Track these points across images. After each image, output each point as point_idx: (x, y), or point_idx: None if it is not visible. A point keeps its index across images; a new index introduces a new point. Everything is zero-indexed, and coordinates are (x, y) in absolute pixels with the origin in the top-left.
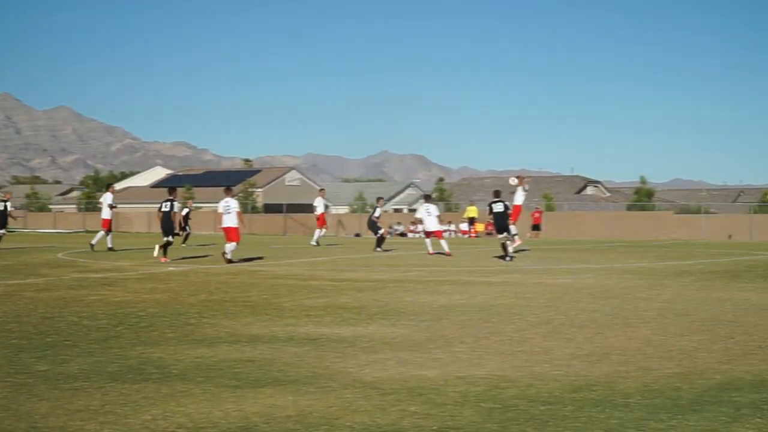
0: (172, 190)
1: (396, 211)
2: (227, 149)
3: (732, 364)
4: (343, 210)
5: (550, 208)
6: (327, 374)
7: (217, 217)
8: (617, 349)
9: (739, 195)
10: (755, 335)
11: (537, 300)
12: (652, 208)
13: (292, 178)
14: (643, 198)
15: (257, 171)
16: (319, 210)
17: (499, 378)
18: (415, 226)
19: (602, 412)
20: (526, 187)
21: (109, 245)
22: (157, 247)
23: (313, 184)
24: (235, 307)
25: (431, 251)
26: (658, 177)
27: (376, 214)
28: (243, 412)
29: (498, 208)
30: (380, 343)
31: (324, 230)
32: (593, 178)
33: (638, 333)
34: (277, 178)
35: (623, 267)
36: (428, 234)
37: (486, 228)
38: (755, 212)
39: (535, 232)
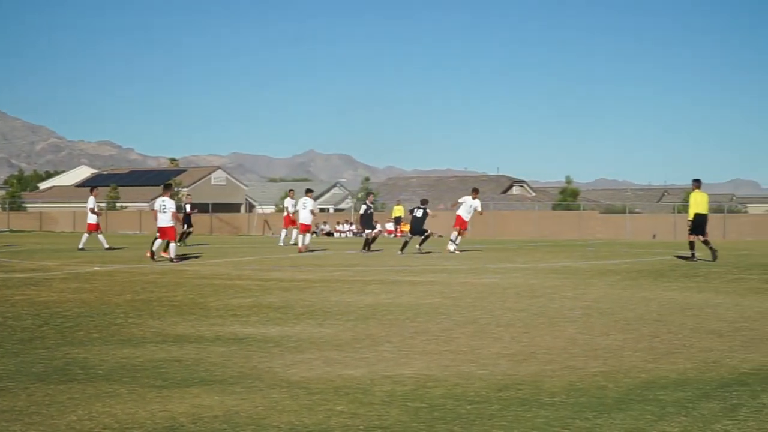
0: (167, 187)
1: (322, 210)
2: (153, 149)
3: (657, 363)
4: (270, 209)
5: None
6: (253, 374)
7: (153, 215)
8: (543, 348)
9: (663, 195)
10: (680, 334)
11: (463, 299)
12: (577, 208)
13: (218, 177)
14: (568, 198)
15: (183, 170)
16: (290, 210)
17: (425, 377)
18: (342, 226)
19: (528, 411)
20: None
21: (105, 245)
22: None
23: (239, 183)
24: (162, 307)
25: (301, 246)
26: (583, 177)
27: (363, 210)
28: (169, 413)
29: (418, 213)
30: (307, 342)
31: (286, 231)
32: (519, 177)
33: (564, 332)
34: (202, 177)
35: (549, 266)
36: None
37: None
38: (679, 212)
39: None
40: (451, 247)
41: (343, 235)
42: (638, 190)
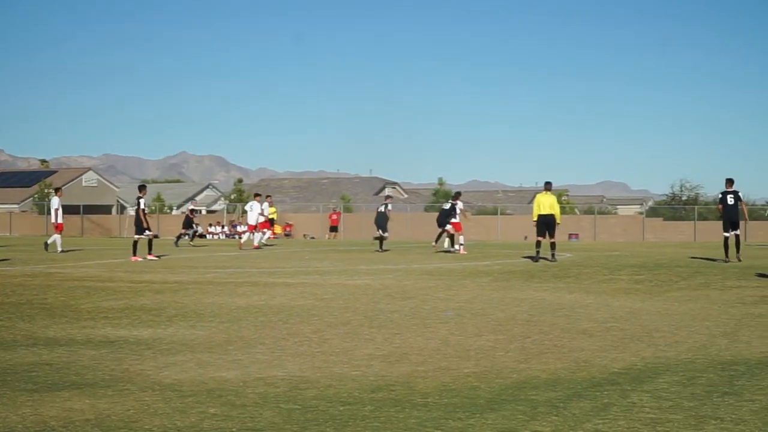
0: (141, 188)
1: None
2: (22, 149)
3: (529, 363)
4: None
5: (348, 210)
6: (125, 377)
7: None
8: (416, 349)
9: (533, 197)
10: (551, 334)
11: (336, 301)
12: None
13: (90, 179)
14: (440, 199)
15: (53, 172)
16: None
17: (298, 379)
18: (214, 227)
19: (401, 412)
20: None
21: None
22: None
23: (110, 185)
24: (32, 310)
25: (256, 244)
26: (455, 178)
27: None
28: (40, 416)
29: (381, 209)
30: (179, 345)
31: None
32: (391, 179)
33: (436, 333)
34: (74, 179)
35: (421, 268)
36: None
37: (284, 229)
38: None
39: (332, 233)
40: (458, 247)
41: (215, 236)
42: (509, 192)
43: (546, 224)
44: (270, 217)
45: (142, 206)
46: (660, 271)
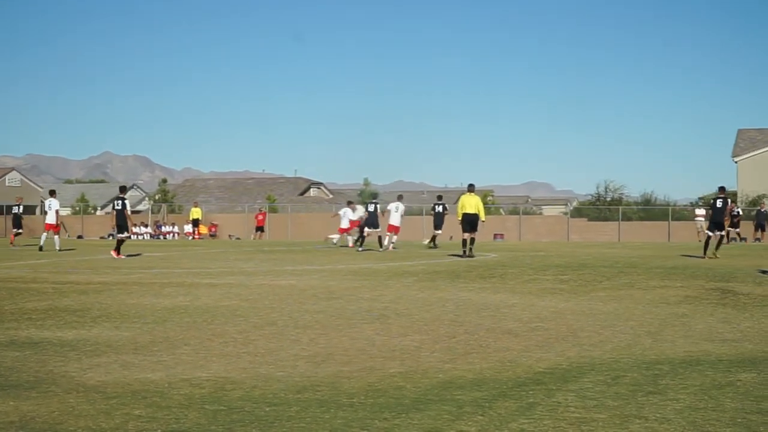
0: (123, 189)
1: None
2: None
3: (454, 363)
4: (66, 212)
5: (273, 210)
6: (49, 378)
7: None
8: (341, 349)
9: (459, 197)
10: (476, 334)
11: (261, 301)
12: None
13: (13, 178)
14: (367, 199)
15: None
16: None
17: (224, 380)
18: (138, 228)
19: (327, 412)
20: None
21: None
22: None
23: (34, 185)
24: None
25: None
26: (381, 179)
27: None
28: None
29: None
30: (104, 346)
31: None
32: (316, 180)
33: (362, 333)
34: None
35: (347, 268)
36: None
37: (209, 230)
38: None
39: (258, 233)
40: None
41: (140, 237)
42: (435, 192)
43: (469, 223)
44: (194, 217)
45: (123, 206)
46: (584, 271)
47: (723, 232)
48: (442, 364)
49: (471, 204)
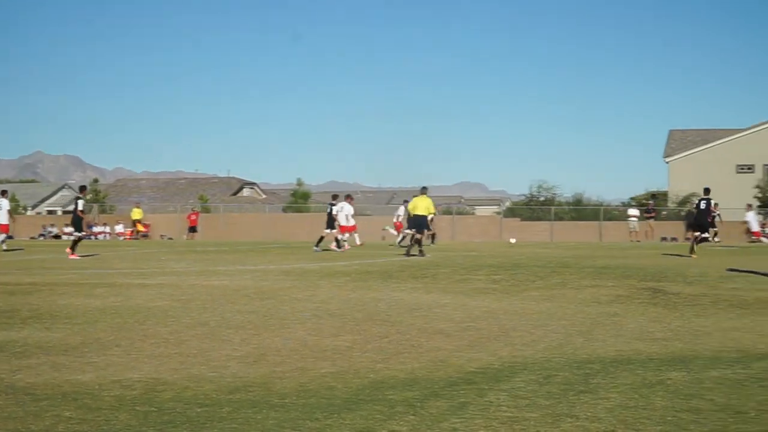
0: (82, 189)
1: (50, 213)
2: None
3: (386, 363)
4: None
5: (206, 210)
6: None
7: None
8: (273, 349)
9: (392, 197)
10: (408, 334)
11: (193, 302)
12: (308, 210)
13: None
14: (299, 200)
15: None
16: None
17: (155, 381)
18: (70, 228)
19: (259, 413)
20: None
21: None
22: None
23: None
24: None
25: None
26: (313, 179)
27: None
28: None
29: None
30: (33, 347)
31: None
32: (249, 180)
33: (294, 333)
34: None
35: (279, 268)
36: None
37: (144, 229)
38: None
39: (191, 234)
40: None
41: (71, 237)
42: (368, 192)
43: (417, 223)
44: (135, 218)
45: (80, 207)
46: (517, 271)
47: (706, 234)
48: (374, 364)
49: (422, 206)
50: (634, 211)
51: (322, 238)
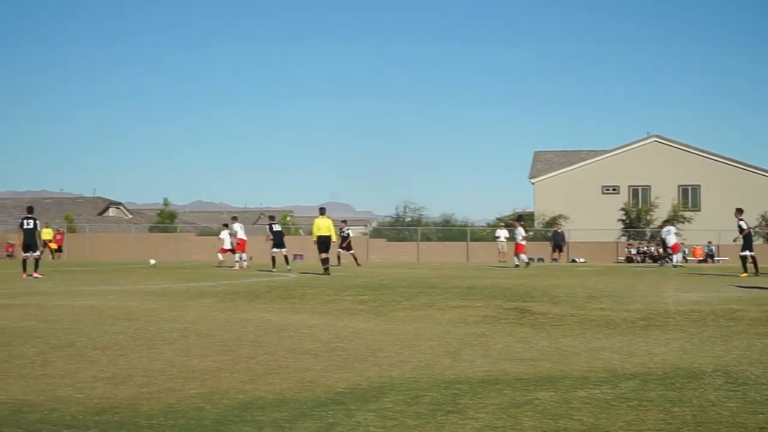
0: (31, 209)
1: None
2: None
3: (254, 384)
4: None
5: (71, 230)
6: None
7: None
8: (140, 370)
9: (259, 217)
10: (276, 355)
11: (59, 322)
12: (174, 230)
13: None
14: (165, 220)
15: None
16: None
17: (21, 402)
18: None
19: None
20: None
21: None
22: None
23: None
24: None
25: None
26: (180, 199)
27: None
28: None
29: (29, 225)
30: None
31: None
32: (116, 199)
33: (161, 354)
34: None
35: (146, 288)
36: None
37: (7, 249)
38: None
39: (57, 254)
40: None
41: None
42: (234, 213)
43: (323, 243)
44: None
45: (34, 226)
46: (384, 292)
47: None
48: (243, 385)
49: (324, 226)
50: (502, 232)
51: (273, 258)
